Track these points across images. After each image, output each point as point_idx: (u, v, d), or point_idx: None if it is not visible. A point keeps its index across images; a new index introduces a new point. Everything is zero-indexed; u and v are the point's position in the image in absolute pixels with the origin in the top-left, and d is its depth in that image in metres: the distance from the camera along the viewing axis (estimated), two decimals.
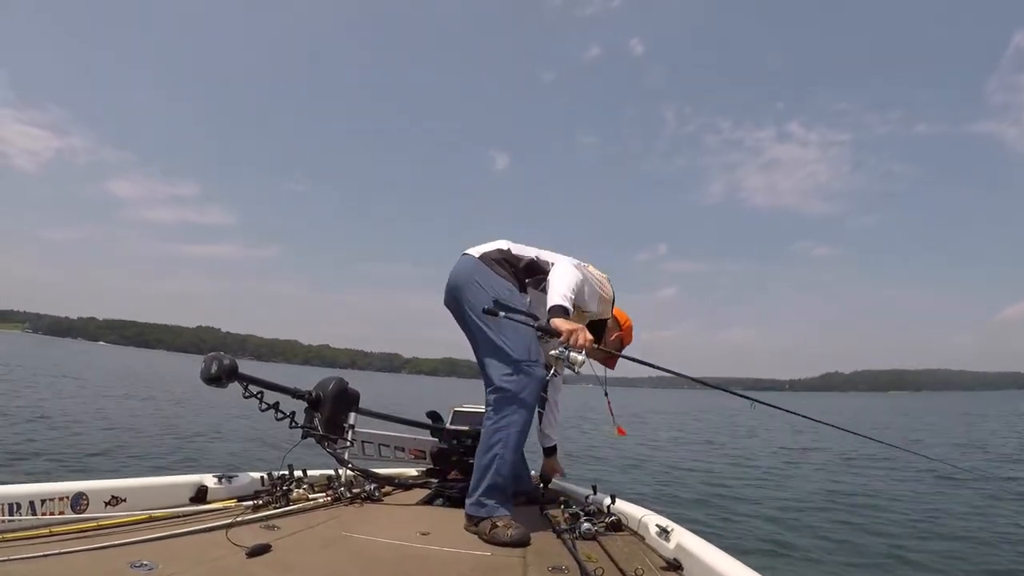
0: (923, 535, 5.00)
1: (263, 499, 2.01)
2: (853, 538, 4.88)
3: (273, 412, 2.14)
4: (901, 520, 5.51)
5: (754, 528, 5.16)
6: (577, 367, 1.92)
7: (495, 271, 2.15)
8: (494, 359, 2.04)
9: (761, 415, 18.62)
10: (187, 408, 12.85)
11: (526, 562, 1.62)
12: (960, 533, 5.04)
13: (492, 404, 2.01)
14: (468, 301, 2.11)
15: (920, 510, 5.94)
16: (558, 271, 2.11)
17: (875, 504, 6.19)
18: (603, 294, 2.30)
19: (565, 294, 2.01)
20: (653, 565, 1.62)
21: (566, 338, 1.89)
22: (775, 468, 9.15)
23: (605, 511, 2.11)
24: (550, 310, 1.98)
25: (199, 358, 2.11)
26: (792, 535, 4.96)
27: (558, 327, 1.91)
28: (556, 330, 1.91)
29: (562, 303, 1.99)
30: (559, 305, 1.98)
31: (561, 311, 1.96)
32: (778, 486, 7.46)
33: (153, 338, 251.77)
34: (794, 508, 5.98)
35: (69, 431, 7.89)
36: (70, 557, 1.30)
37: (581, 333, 1.91)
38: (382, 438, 2.86)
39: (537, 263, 2.23)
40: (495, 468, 1.94)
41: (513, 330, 2.01)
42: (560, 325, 1.92)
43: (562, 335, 1.90)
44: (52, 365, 25.95)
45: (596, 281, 2.27)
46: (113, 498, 1.75)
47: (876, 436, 2.85)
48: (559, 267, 2.13)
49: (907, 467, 8.79)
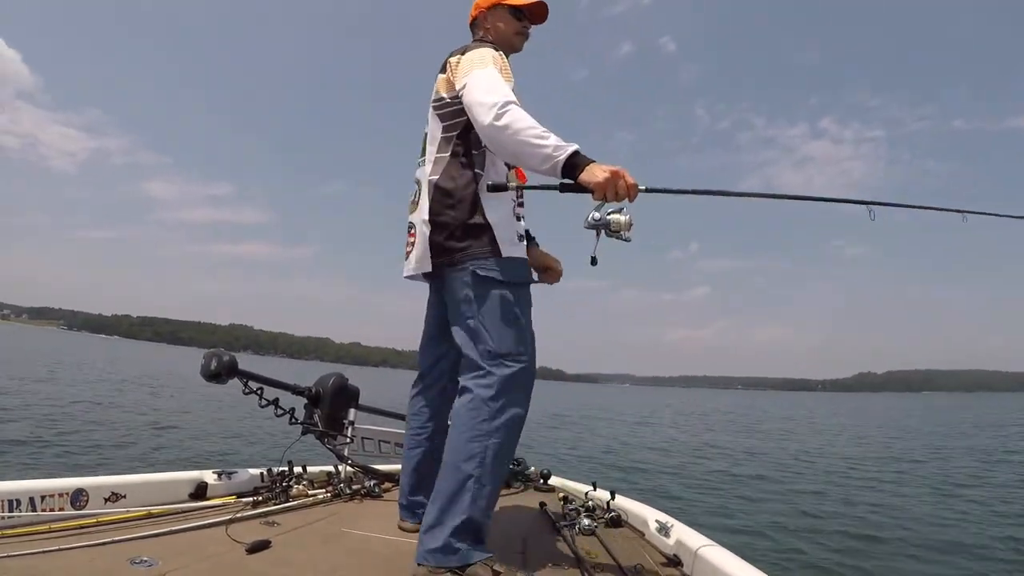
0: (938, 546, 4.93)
1: (263, 495, 2.01)
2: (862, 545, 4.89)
3: (273, 408, 2.14)
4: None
5: (754, 527, 5.18)
6: (626, 232, 1.40)
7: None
8: (472, 344, 1.51)
9: (774, 417, 18.35)
10: (188, 404, 12.86)
11: (525, 557, 1.62)
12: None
13: (469, 402, 1.47)
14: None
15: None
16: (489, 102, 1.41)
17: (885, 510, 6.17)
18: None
19: (538, 151, 1.36)
20: (653, 561, 1.62)
21: (602, 193, 1.33)
22: (778, 468, 9.16)
23: (605, 507, 2.11)
24: (556, 163, 1.35)
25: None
26: (794, 535, 4.97)
27: (589, 181, 1.33)
28: (586, 186, 1.34)
29: (562, 144, 1.35)
30: (562, 146, 1.35)
31: (575, 154, 1.35)
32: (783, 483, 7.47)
33: (186, 336, 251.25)
34: (810, 512, 5.96)
35: (71, 427, 7.90)
36: (70, 553, 1.30)
37: (621, 179, 1.33)
38: (382, 434, 2.86)
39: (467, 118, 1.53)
40: (470, 498, 1.38)
41: (499, 305, 1.50)
42: (593, 175, 1.32)
43: (595, 191, 1.33)
44: (84, 362, 25.88)
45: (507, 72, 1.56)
46: (113, 494, 1.75)
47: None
48: (481, 93, 1.44)
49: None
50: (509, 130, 1.38)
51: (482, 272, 1.52)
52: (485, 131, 1.44)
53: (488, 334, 1.49)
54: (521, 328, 1.53)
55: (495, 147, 1.49)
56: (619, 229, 1.39)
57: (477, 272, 1.52)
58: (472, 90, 1.47)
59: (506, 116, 1.39)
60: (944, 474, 8.33)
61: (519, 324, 1.52)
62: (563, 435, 12.90)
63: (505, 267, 1.54)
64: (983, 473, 8.36)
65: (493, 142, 1.46)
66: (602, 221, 1.39)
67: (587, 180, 1.33)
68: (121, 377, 19.15)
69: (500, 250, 1.54)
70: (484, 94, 1.44)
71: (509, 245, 1.56)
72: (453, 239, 1.56)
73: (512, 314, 1.51)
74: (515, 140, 1.39)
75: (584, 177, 1.34)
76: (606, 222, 1.39)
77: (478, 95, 1.45)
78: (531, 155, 1.39)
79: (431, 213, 1.59)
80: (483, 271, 1.52)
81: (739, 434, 15.52)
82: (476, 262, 1.53)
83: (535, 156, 1.38)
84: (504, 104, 1.41)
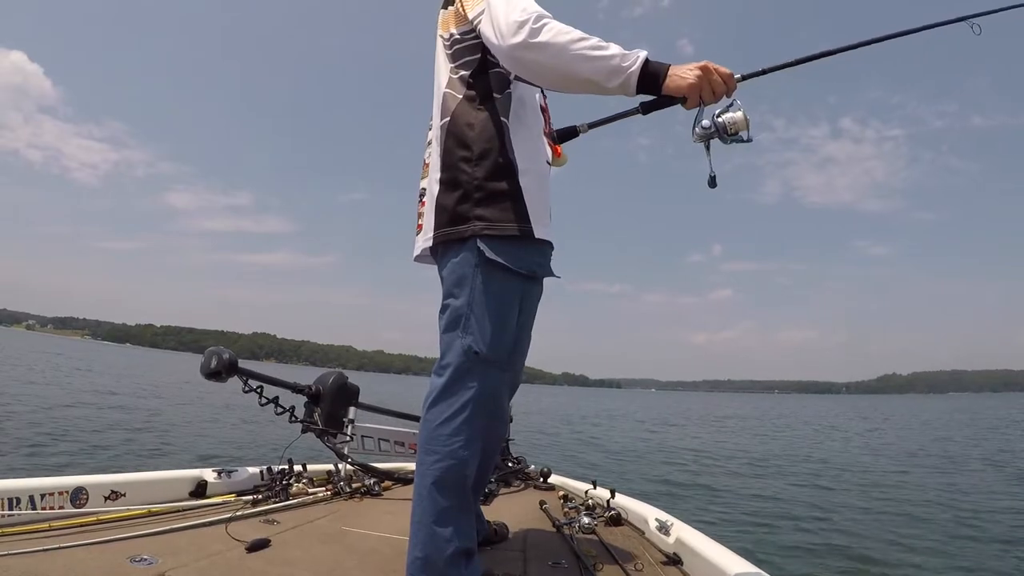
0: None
1: (262, 494, 2.02)
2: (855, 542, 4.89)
3: (273, 407, 2.14)
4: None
5: (752, 524, 5.18)
6: (745, 131, 1.18)
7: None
8: (452, 335, 1.24)
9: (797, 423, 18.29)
10: (188, 403, 12.86)
11: (525, 556, 1.62)
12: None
13: (432, 407, 1.22)
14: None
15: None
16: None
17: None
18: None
19: (596, 64, 1.10)
20: (653, 559, 1.62)
21: (697, 97, 1.14)
22: (784, 467, 9.17)
23: (605, 505, 2.11)
24: (630, 76, 1.10)
25: (252, 363, 2.09)
26: (795, 535, 4.97)
27: (680, 87, 1.12)
28: (677, 94, 1.14)
29: (628, 52, 1.10)
30: (629, 54, 1.10)
31: (646, 62, 1.10)
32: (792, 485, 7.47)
33: (209, 344, 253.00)
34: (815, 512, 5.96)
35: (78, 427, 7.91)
36: (70, 552, 1.30)
37: (713, 73, 1.13)
38: (382, 432, 2.86)
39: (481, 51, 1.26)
40: (420, 528, 1.17)
41: (501, 302, 1.23)
42: (680, 78, 1.12)
43: (688, 97, 1.14)
44: (107, 368, 25.82)
45: None
46: (113, 493, 1.75)
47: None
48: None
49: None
50: (552, 48, 1.10)
51: (491, 255, 1.19)
52: (517, 55, 1.13)
53: (473, 328, 1.21)
54: (519, 332, 1.27)
55: (534, 74, 1.16)
56: (738, 129, 1.17)
57: (484, 253, 1.20)
58: (493, 10, 1.17)
59: (544, 32, 1.10)
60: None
61: (520, 328, 1.27)
62: (564, 436, 12.92)
63: (526, 255, 1.23)
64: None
65: (530, 68, 1.15)
66: (714, 127, 1.16)
67: (676, 87, 1.11)
68: (133, 381, 19.17)
69: (529, 229, 1.21)
70: (508, 11, 1.14)
71: (540, 225, 1.24)
72: (466, 202, 1.22)
73: (513, 314, 1.24)
74: (563, 58, 1.10)
75: (671, 85, 1.11)
76: (722, 125, 1.16)
77: (501, 14, 1.14)
78: (591, 72, 1.09)
79: (442, 167, 1.26)
80: (493, 253, 1.19)
81: (755, 438, 15.50)
82: (487, 241, 1.20)
83: (597, 71, 1.09)
84: (538, 18, 1.11)
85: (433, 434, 1.20)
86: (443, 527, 1.16)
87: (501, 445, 1.34)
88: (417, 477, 1.22)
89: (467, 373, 1.20)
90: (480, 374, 1.21)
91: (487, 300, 1.21)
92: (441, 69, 1.34)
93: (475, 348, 1.20)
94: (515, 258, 1.21)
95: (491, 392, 1.23)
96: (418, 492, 1.20)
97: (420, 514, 1.18)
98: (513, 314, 1.25)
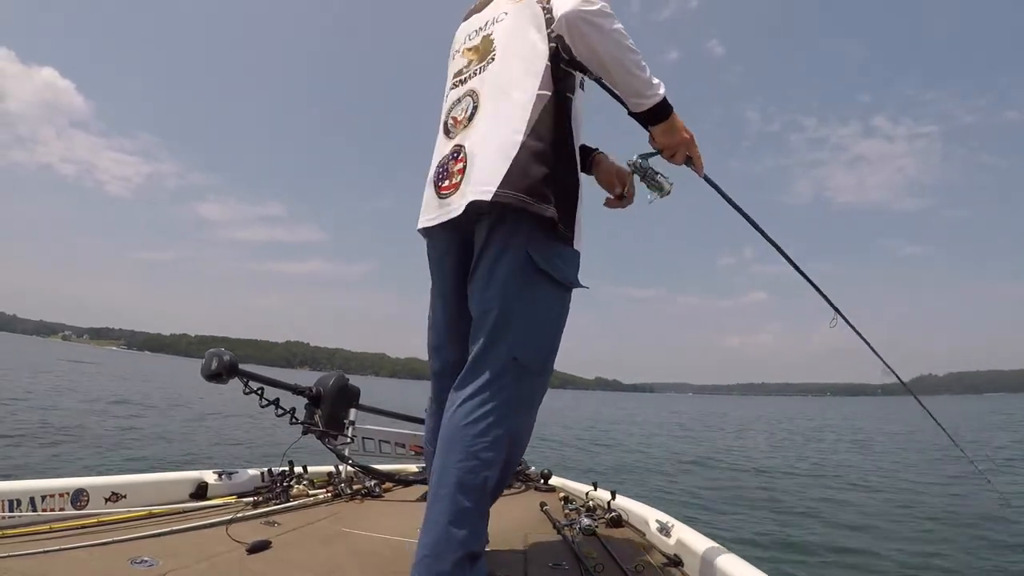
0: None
1: (263, 495, 2.01)
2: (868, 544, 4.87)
3: (273, 408, 2.14)
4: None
5: (755, 524, 5.17)
6: (658, 193, 1.33)
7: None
8: (491, 337, 1.22)
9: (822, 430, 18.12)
10: (187, 404, 12.87)
11: (526, 558, 1.61)
12: None
13: (467, 415, 1.18)
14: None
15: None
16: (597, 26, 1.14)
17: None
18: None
19: (639, 68, 1.17)
20: (653, 561, 1.62)
21: (673, 150, 1.26)
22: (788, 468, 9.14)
23: (605, 507, 2.11)
24: (655, 97, 1.19)
25: (286, 371, 2.08)
26: (797, 533, 4.97)
27: (674, 133, 1.24)
28: (675, 134, 1.24)
29: (654, 89, 1.19)
30: (659, 82, 1.19)
31: (660, 104, 1.20)
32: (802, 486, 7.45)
33: (243, 353, 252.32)
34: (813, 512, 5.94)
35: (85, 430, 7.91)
36: (70, 553, 1.30)
37: (696, 148, 1.27)
38: (383, 434, 2.86)
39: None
40: (434, 527, 1.13)
41: (546, 308, 1.25)
42: (681, 130, 1.24)
43: (675, 146, 1.25)
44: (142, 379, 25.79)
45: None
46: (113, 494, 1.75)
47: None
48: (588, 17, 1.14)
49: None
50: (616, 32, 1.14)
51: (542, 263, 1.21)
52: (581, 19, 1.13)
53: (516, 335, 1.20)
54: (556, 341, 1.29)
55: (589, 42, 1.15)
56: (657, 190, 1.31)
57: (533, 258, 1.20)
58: None
59: (613, 20, 1.15)
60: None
61: (556, 336, 1.29)
62: (566, 436, 12.90)
63: (571, 265, 1.27)
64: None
65: (585, 38, 1.15)
66: (650, 173, 1.29)
67: (673, 130, 1.22)
68: (148, 386, 19.16)
69: (574, 236, 1.25)
70: None
71: (579, 237, 1.28)
72: (548, 184, 1.20)
73: (559, 326, 1.28)
74: (618, 45, 1.15)
75: (669, 125, 1.21)
76: (653, 176, 1.29)
77: None
78: (631, 73, 1.17)
79: (534, 134, 1.21)
80: (544, 263, 1.21)
81: (767, 441, 15.45)
82: (539, 247, 1.21)
83: (636, 78, 1.17)
84: (608, 7, 1.16)
85: (459, 433, 1.17)
86: (459, 528, 1.12)
87: (523, 453, 1.34)
88: (435, 475, 1.18)
89: (503, 376, 1.19)
90: (516, 378, 1.20)
91: (535, 309, 1.23)
92: (529, 29, 1.29)
93: (515, 355, 1.20)
94: (565, 266, 1.25)
95: (525, 399, 1.24)
96: (436, 491, 1.16)
97: (436, 513, 1.14)
98: (559, 325, 1.28)
